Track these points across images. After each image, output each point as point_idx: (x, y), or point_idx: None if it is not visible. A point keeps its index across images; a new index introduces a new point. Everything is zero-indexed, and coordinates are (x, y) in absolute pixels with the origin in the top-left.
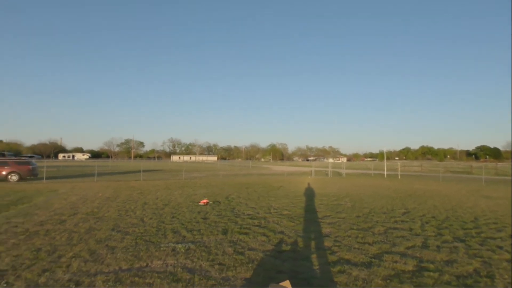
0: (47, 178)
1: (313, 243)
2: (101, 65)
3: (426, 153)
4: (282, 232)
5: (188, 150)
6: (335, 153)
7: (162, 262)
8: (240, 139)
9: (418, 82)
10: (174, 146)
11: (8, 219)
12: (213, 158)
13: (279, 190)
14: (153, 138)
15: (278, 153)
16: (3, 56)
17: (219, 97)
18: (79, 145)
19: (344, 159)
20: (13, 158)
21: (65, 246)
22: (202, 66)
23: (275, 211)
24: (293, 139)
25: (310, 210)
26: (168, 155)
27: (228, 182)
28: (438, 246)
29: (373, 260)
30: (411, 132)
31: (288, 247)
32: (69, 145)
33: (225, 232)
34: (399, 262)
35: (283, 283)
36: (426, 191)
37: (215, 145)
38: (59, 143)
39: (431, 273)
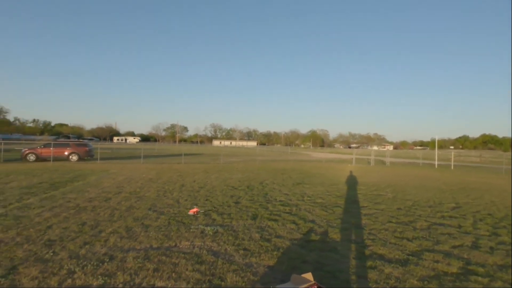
0: (101, 159)
1: (344, 235)
2: (152, 59)
3: (488, 142)
4: (312, 221)
5: (229, 135)
6: (380, 140)
7: (189, 243)
8: (280, 124)
9: (481, 59)
10: (215, 131)
11: (64, 195)
12: (253, 143)
13: (315, 177)
14: (196, 123)
15: (318, 140)
16: (73, 51)
17: (260, 83)
18: (131, 129)
19: (390, 147)
20: (73, 140)
21: (106, 222)
22: (242, 53)
23: (309, 198)
24: (335, 125)
25: (346, 199)
26: (209, 139)
27: (264, 167)
28: (491, 248)
29: (410, 257)
30: (471, 118)
31: (317, 237)
32: (122, 129)
33: (254, 217)
34: (441, 262)
35: (305, 275)
36: (483, 185)
37: (255, 131)
38: (114, 127)
39: (479, 278)
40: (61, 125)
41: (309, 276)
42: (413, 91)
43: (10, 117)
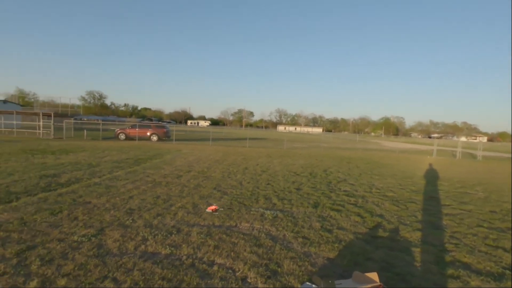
0: (176, 140)
1: (419, 234)
2: (222, 49)
3: None
4: (381, 216)
5: (294, 121)
6: (470, 130)
7: (249, 225)
8: (348, 111)
9: None
10: (280, 117)
11: (144, 170)
12: (318, 129)
13: (386, 168)
14: (262, 108)
15: (391, 128)
16: (153, 47)
17: (327, 67)
18: (202, 114)
19: (484, 139)
20: (154, 122)
21: (176, 197)
22: (308, 38)
23: (377, 191)
24: (412, 113)
25: (422, 195)
26: (274, 125)
27: (329, 154)
28: None
29: (507, 272)
30: None
31: (386, 234)
32: (195, 113)
33: (316, 205)
34: None
35: (369, 274)
36: None
37: (320, 117)
38: (188, 111)
39: None
40: (146, 109)
41: (374, 276)
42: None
43: (108, 101)
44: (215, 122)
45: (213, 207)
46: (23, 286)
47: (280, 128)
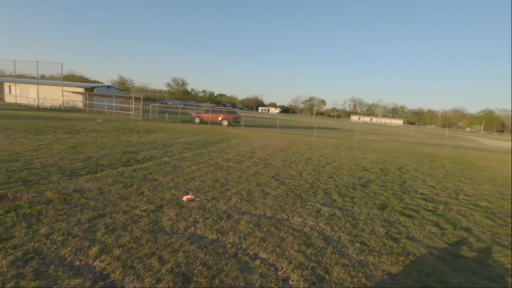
0: (244, 125)
1: None
2: (294, 36)
3: None
4: (467, 230)
5: (370, 110)
6: None
7: (302, 220)
8: (436, 101)
9: None
10: (354, 106)
11: (210, 153)
12: (398, 121)
13: (483, 171)
14: (334, 97)
15: (495, 123)
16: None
17: (409, 51)
18: (273, 101)
19: None
20: (225, 108)
21: (234, 182)
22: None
23: (466, 198)
24: None
25: None
26: (347, 114)
27: (407, 150)
28: None
29: None
30: None
31: (472, 254)
32: (266, 100)
33: (383, 207)
34: None
35: None
36: None
37: (402, 107)
38: (259, 98)
39: None
40: (221, 95)
41: None
42: None
43: (189, 88)
44: (285, 110)
45: (189, 196)
46: (86, 251)
47: (354, 118)
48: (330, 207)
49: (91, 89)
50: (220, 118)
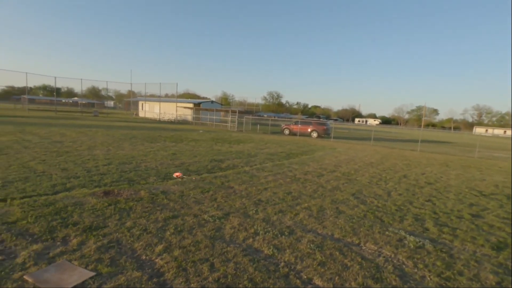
0: (335, 137)
1: None
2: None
3: None
4: None
5: (503, 121)
6: None
7: (376, 248)
8: None
9: None
10: (480, 116)
11: (290, 165)
12: None
13: None
14: (450, 105)
15: None
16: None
17: None
18: (373, 111)
19: None
20: (314, 119)
21: (307, 196)
22: None
23: None
24: None
25: None
26: (469, 126)
27: None
28: None
29: None
30: None
31: None
32: (365, 111)
33: (500, 247)
34: None
35: None
36: None
37: None
38: (357, 109)
39: None
40: (315, 107)
41: None
42: None
43: (283, 100)
44: (386, 121)
45: (178, 173)
46: (153, 247)
47: (479, 130)
48: (419, 237)
49: (198, 105)
50: (309, 130)
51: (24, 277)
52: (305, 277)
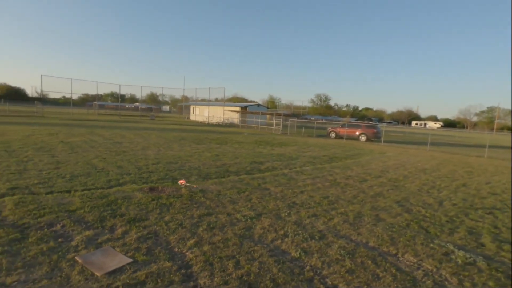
0: (385, 141)
1: None
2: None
3: None
4: None
5: None
6: None
7: (416, 260)
8: None
9: None
10: None
11: (332, 169)
12: None
13: None
14: None
15: None
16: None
17: None
18: (433, 113)
19: None
20: (364, 122)
21: (344, 201)
22: None
23: None
24: None
25: None
26: None
27: None
28: None
29: None
30: None
31: None
32: (424, 113)
33: None
34: None
35: None
36: None
37: None
38: (414, 110)
39: None
40: (367, 109)
41: None
42: None
43: (332, 103)
44: (450, 124)
45: (182, 181)
46: (186, 241)
47: None
48: (470, 253)
49: (245, 108)
50: (357, 133)
51: (76, 257)
52: (330, 283)
